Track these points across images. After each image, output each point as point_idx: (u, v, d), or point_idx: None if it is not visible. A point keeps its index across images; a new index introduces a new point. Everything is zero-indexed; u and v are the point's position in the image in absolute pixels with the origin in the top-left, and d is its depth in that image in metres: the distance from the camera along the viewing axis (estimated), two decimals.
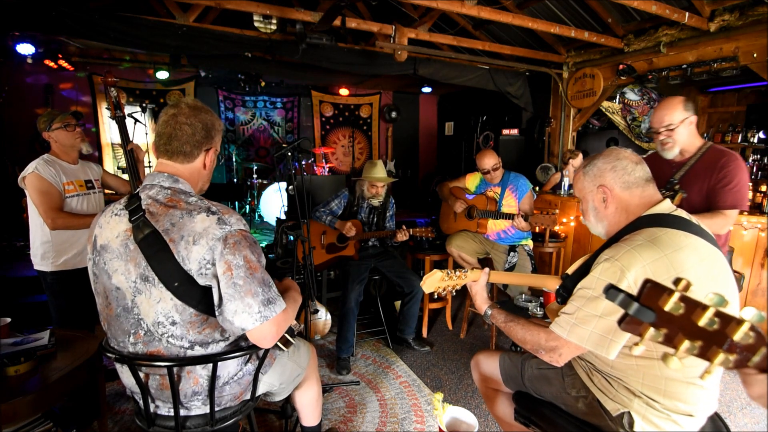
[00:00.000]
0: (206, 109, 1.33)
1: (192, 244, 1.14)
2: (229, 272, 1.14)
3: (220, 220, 1.18)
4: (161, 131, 1.27)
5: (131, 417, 2.25)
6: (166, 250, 1.14)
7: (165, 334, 1.20)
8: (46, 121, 2.26)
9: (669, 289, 0.54)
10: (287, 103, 7.48)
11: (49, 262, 2.27)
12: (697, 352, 0.52)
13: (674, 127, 1.97)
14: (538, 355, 1.27)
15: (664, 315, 0.54)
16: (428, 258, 3.38)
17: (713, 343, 0.52)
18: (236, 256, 1.16)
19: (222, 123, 1.38)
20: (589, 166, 1.34)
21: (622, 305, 0.56)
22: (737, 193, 1.92)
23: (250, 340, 1.21)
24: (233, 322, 1.15)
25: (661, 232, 1.15)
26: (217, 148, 1.38)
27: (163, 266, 1.15)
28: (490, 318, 1.45)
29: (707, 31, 3.55)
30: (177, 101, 1.31)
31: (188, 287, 1.16)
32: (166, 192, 1.24)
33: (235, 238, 1.17)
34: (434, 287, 1.55)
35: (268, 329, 1.18)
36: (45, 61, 5.14)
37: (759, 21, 3.25)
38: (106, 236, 1.24)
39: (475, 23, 4.61)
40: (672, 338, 0.54)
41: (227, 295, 1.14)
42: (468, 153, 6.95)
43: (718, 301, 0.52)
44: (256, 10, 3.49)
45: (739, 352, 0.51)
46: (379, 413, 2.39)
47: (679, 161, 2.08)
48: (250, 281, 1.16)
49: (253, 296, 1.15)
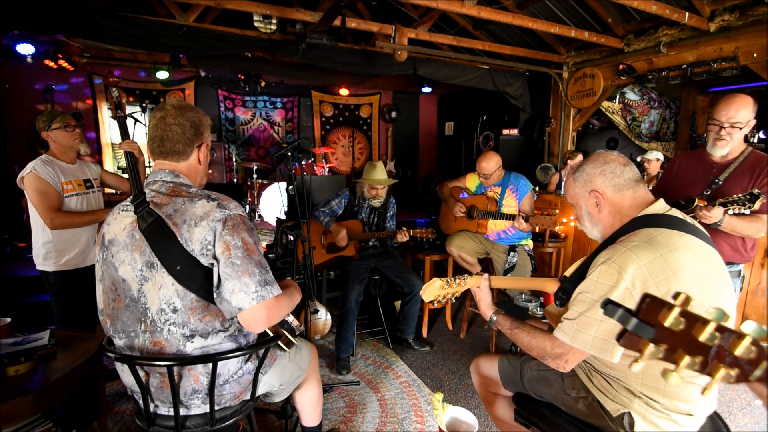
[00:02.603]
0: (191, 107, 1.37)
1: (194, 226, 1.20)
2: (227, 252, 1.19)
3: (220, 205, 1.24)
4: (153, 135, 1.33)
5: (131, 417, 2.25)
6: (170, 234, 1.19)
7: (167, 322, 1.22)
8: (46, 121, 2.26)
9: (669, 303, 0.53)
10: (287, 103, 7.48)
11: (52, 262, 2.28)
12: (698, 368, 0.51)
13: (742, 126, 1.92)
14: (544, 361, 1.27)
15: (664, 330, 0.52)
16: (428, 258, 3.38)
17: (714, 358, 0.50)
18: (234, 237, 1.21)
19: (208, 118, 1.43)
20: (579, 172, 1.35)
21: (621, 321, 0.55)
22: None
23: (242, 323, 1.24)
24: (231, 301, 1.18)
25: (656, 233, 1.16)
26: (208, 143, 1.42)
27: (167, 250, 1.19)
28: (496, 324, 1.44)
29: (707, 31, 3.56)
30: (162, 104, 1.35)
31: (191, 270, 1.20)
32: (169, 185, 1.30)
33: (234, 221, 1.23)
34: (434, 296, 1.55)
35: (259, 312, 1.21)
36: (45, 61, 5.14)
37: (759, 21, 3.25)
38: (113, 231, 1.29)
39: (475, 23, 4.62)
40: (672, 354, 0.52)
41: (225, 274, 1.19)
42: (468, 153, 6.96)
43: (719, 316, 0.51)
44: (256, 10, 3.49)
45: (740, 367, 0.50)
46: (379, 413, 2.39)
47: (721, 162, 2.03)
48: (248, 261, 1.21)
49: (250, 276, 1.20)
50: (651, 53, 4.04)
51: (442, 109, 8.35)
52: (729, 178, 2.00)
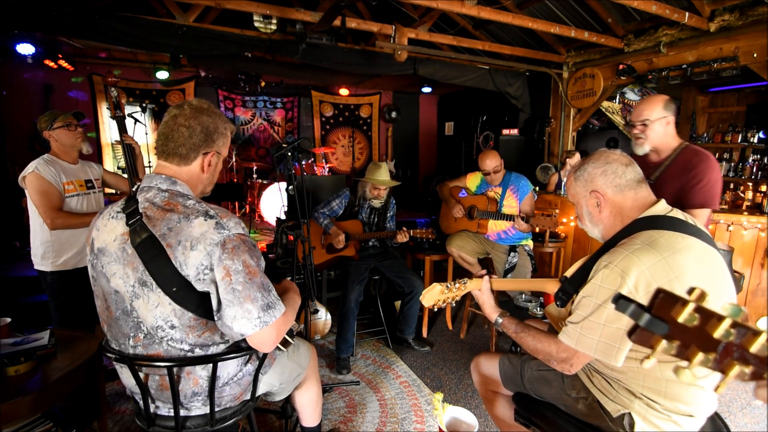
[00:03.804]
0: (211, 111, 1.28)
1: (189, 249, 1.12)
2: (228, 278, 1.13)
3: (218, 225, 1.15)
4: (160, 131, 1.26)
5: (131, 417, 2.25)
6: (164, 255, 1.12)
7: (165, 338, 1.20)
8: (48, 120, 2.26)
9: (683, 299, 0.51)
10: (287, 103, 7.48)
11: (50, 262, 2.27)
12: (711, 365, 0.50)
13: (649, 123, 1.98)
14: (549, 365, 1.27)
15: (678, 326, 0.51)
16: (428, 258, 3.38)
17: (728, 356, 0.49)
18: (235, 261, 1.14)
19: (231, 126, 1.33)
20: (580, 170, 1.33)
21: (633, 316, 0.53)
22: (707, 193, 1.89)
23: (251, 345, 1.21)
24: (232, 327, 1.14)
25: (658, 235, 1.15)
26: (222, 152, 1.32)
27: (161, 271, 1.13)
28: (501, 327, 1.43)
29: (707, 31, 3.55)
30: (182, 102, 1.28)
31: (186, 292, 1.15)
32: (164, 195, 1.21)
33: (234, 243, 1.15)
34: (434, 301, 1.54)
35: (267, 334, 1.17)
36: (45, 61, 5.14)
37: (759, 21, 3.25)
38: (103, 239, 1.23)
39: (475, 23, 4.61)
40: (685, 351, 0.51)
41: (226, 301, 1.13)
42: (468, 153, 6.96)
43: (734, 312, 0.50)
44: (256, 10, 3.49)
45: (755, 364, 0.49)
46: (379, 413, 2.38)
47: (656, 161, 2.07)
48: (249, 286, 1.14)
49: (253, 302, 1.14)
50: (651, 53, 4.04)
51: (442, 109, 8.35)
52: (660, 177, 2.04)
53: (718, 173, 1.93)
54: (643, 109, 2.01)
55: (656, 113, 1.97)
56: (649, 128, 1.99)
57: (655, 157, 2.07)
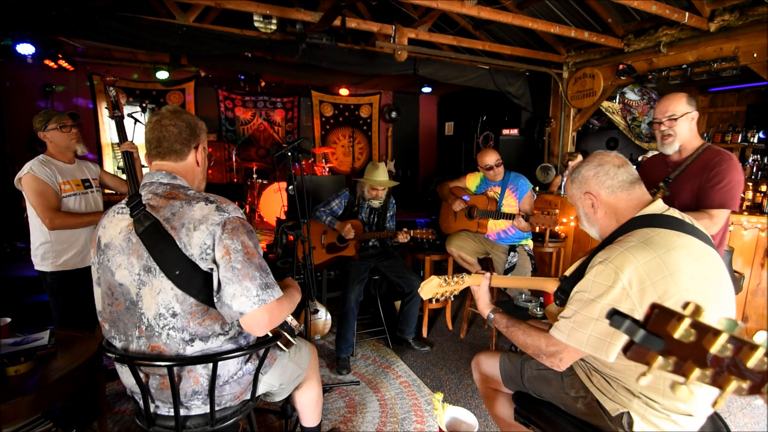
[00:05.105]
0: (186, 111, 1.41)
1: (193, 230, 1.19)
2: (227, 256, 1.18)
3: (219, 208, 1.23)
4: (150, 137, 1.34)
5: (131, 417, 2.25)
6: (168, 238, 1.18)
7: (166, 326, 1.22)
8: (42, 121, 2.25)
9: (678, 314, 0.50)
10: (287, 103, 7.48)
11: (49, 263, 2.27)
12: (708, 381, 0.49)
13: (677, 117, 1.93)
14: (539, 359, 1.27)
15: (673, 342, 0.50)
16: (428, 258, 3.38)
17: (725, 371, 0.48)
18: (234, 240, 1.20)
19: (204, 123, 1.45)
20: (575, 173, 1.36)
21: (628, 332, 0.52)
22: (726, 193, 1.86)
23: (243, 327, 1.24)
24: (231, 305, 1.18)
25: (653, 233, 1.16)
26: (205, 146, 1.44)
27: (165, 255, 1.18)
28: (492, 322, 1.45)
29: (707, 31, 3.55)
30: (157, 111, 1.38)
31: (189, 275, 1.19)
32: (165, 187, 1.29)
33: (233, 224, 1.22)
34: (432, 293, 1.55)
35: (261, 315, 1.20)
36: (45, 61, 5.14)
37: (759, 21, 3.25)
38: (109, 234, 1.27)
39: (475, 23, 4.61)
40: (682, 366, 0.50)
41: (225, 279, 1.18)
42: (468, 153, 6.95)
43: (730, 326, 0.49)
44: (256, 10, 3.49)
45: (752, 379, 0.48)
46: (379, 413, 2.39)
47: (677, 161, 2.05)
48: (248, 265, 1.20)
49: (251, 280, 1.19)
50: (651, 53, 4.04)
51: (442, 109, 8.35)
52: (679, 176, 2.01)
53: (741, 174, 1.90)
54: (668, 105, 1.96)
55: (681, 108, 1.93)
56: (677, 123, 1.94)
57: (676, 157, 2.04)
